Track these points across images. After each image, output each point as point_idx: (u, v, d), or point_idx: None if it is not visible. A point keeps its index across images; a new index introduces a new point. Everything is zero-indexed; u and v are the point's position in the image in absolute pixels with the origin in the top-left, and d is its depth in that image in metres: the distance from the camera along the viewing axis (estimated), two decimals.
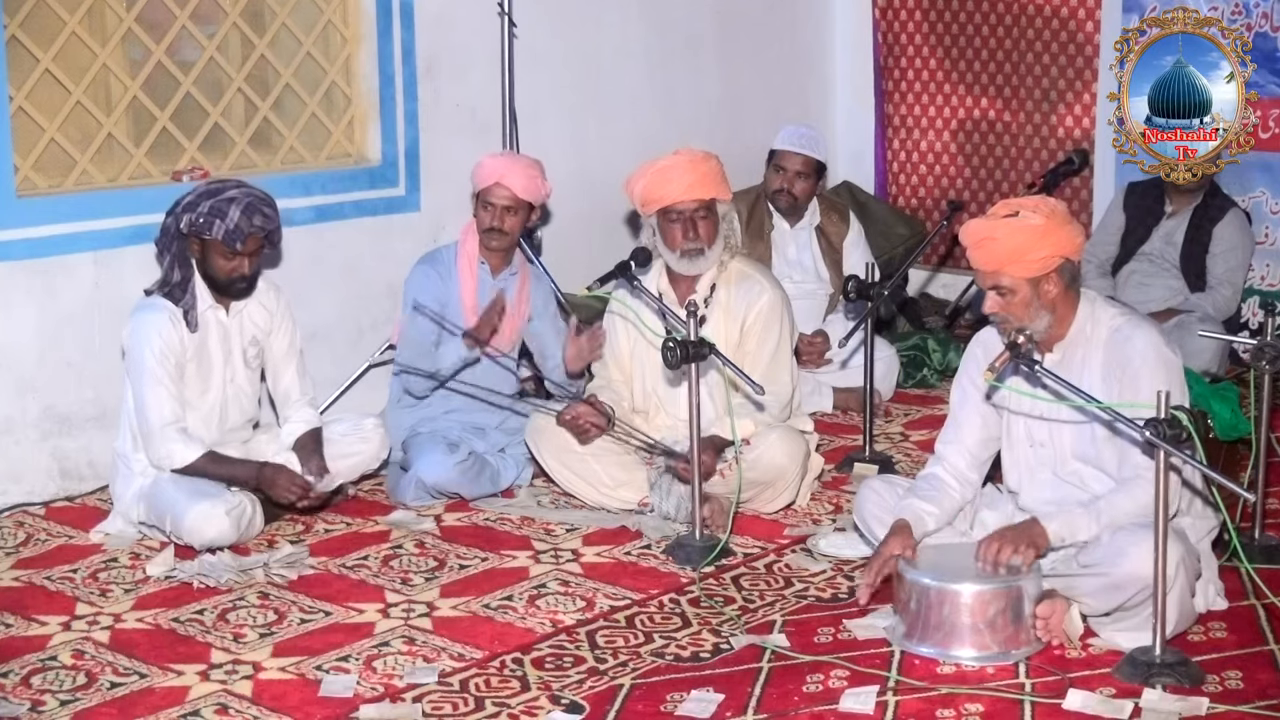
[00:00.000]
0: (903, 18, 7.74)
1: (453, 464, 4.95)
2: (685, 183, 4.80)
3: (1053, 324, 3.86)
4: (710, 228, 4.86)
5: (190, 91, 5.53)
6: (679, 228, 4.83)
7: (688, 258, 4.87)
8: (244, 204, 4.55)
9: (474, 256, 5.19)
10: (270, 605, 4.22)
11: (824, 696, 3.60)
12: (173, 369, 4.60)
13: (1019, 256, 3.76)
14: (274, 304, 4.86)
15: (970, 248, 3.85)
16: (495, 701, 3.61)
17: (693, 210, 4.82)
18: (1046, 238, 3.77)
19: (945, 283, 7.59)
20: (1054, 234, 3.78)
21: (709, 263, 4.90)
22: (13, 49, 5.04)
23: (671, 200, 4.81)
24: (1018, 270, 3.78)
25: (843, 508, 4.91)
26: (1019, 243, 3.76)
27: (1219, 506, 3.89)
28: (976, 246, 3.83)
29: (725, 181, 4.92)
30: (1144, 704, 3.50)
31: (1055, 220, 3.80)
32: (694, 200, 4.81)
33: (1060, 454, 3.96)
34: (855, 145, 7.95)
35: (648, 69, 7.05)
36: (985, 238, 3.80)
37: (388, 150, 6.02)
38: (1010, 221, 3.78)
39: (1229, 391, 4.70)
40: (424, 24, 6.05)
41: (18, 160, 5.07)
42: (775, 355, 4.95)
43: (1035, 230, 3.76)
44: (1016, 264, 3.77)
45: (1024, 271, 3.78)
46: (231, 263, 4.61)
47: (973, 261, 3.87)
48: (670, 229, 4.85)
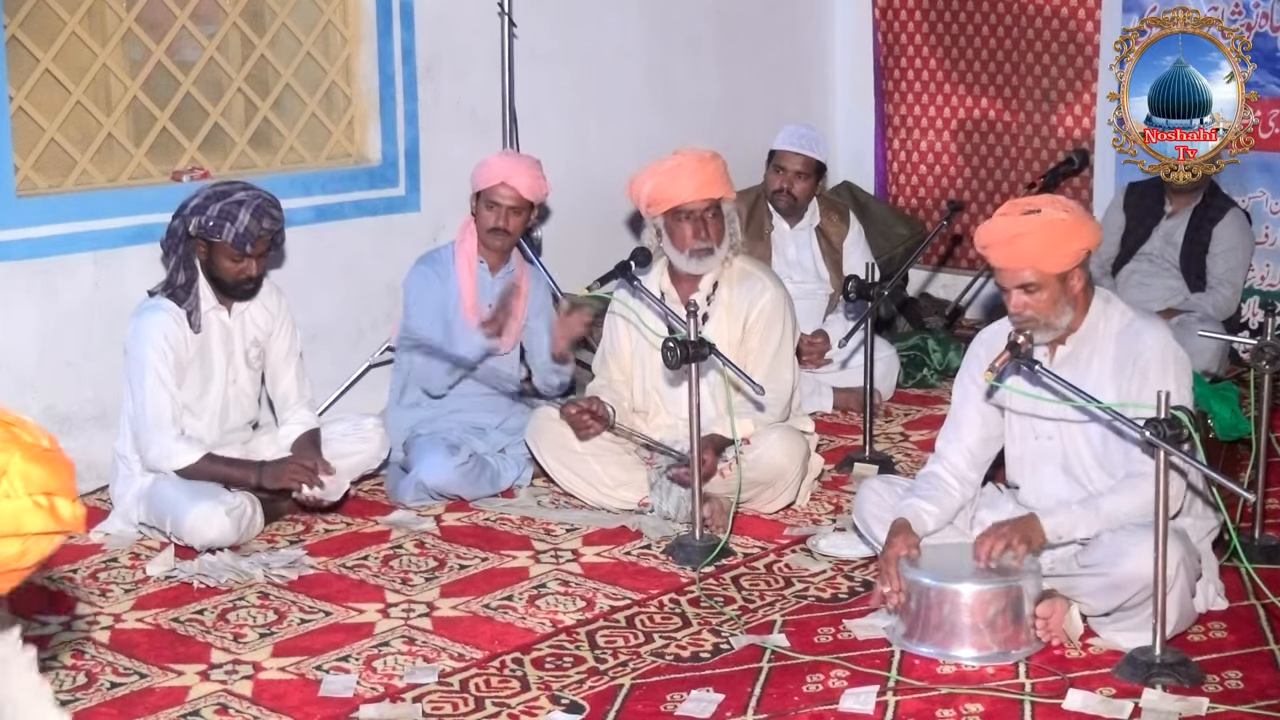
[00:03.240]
0: (903, 18, 7.74)
1: (453, 466, 4.95)
2: (695, 183, 4.80)
3: (1074, 318, 3.86)
4: (719, 227, 4.87)
5: (190, 91, 5.53)
6: (690, 227, 4.83)
7: (697, 257, 4.87)
8: (253, 206, 4.55)
9: (473, 256, 5.19)
10: (270, 605, 4.22)
11: (824, 696, 3.60)
12: (175, 370, 4.60)
13: (1051, 251, 3.74)
14: (275, 305, 4.87)
15: (994, 246, 3.80)
16: (495, 701, 3.61)
17: (703, 210, 4.82)
18: (1076, 231, 3.77)
19: (945, 283, 7.59)
20: (1081, 227, 3.79)
21: (717, 261, 4.91)
22: (13, 49, 5.04)
23: (682, 200, 4.81)
24: (1049, 266, 3.76)
25: (843, 508, 4.91)
26: (1051, 237, 3.74)
27: (1219, 507, 3.89)
28: (1005, 245, 3.77)
29: (729, 180, 4.93)
30: (1144, 704, 3.50)
31: (1078, 214, 3.82)
32: (704, 199, 4.82)
33: (1065, 451, 3.96)
34: (855, 145, 7.95)
35: (648, 69, 7.05)
36: (1016, 234, 3.75)
37: (388, 150, 6.02)
38: (1037, 218, 3.76)
39: (1229, 391, 4.70)
40: (424, 24, 6.05)
41: (18, 160, 5.07)
42: (777, 353, 4.95)
43: (1064, 225, 3.76)
44: (1047, 260, 3.75)
45: (1054, 267, 3.76)
46: (239, 265, 4.61)
47: (997, 261, 3.81)
48: (680, 229, 4.84)
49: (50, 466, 2.41)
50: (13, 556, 2.38)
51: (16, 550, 2.38)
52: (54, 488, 2.40)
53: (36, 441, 2.43)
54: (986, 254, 3.85)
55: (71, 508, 2.43)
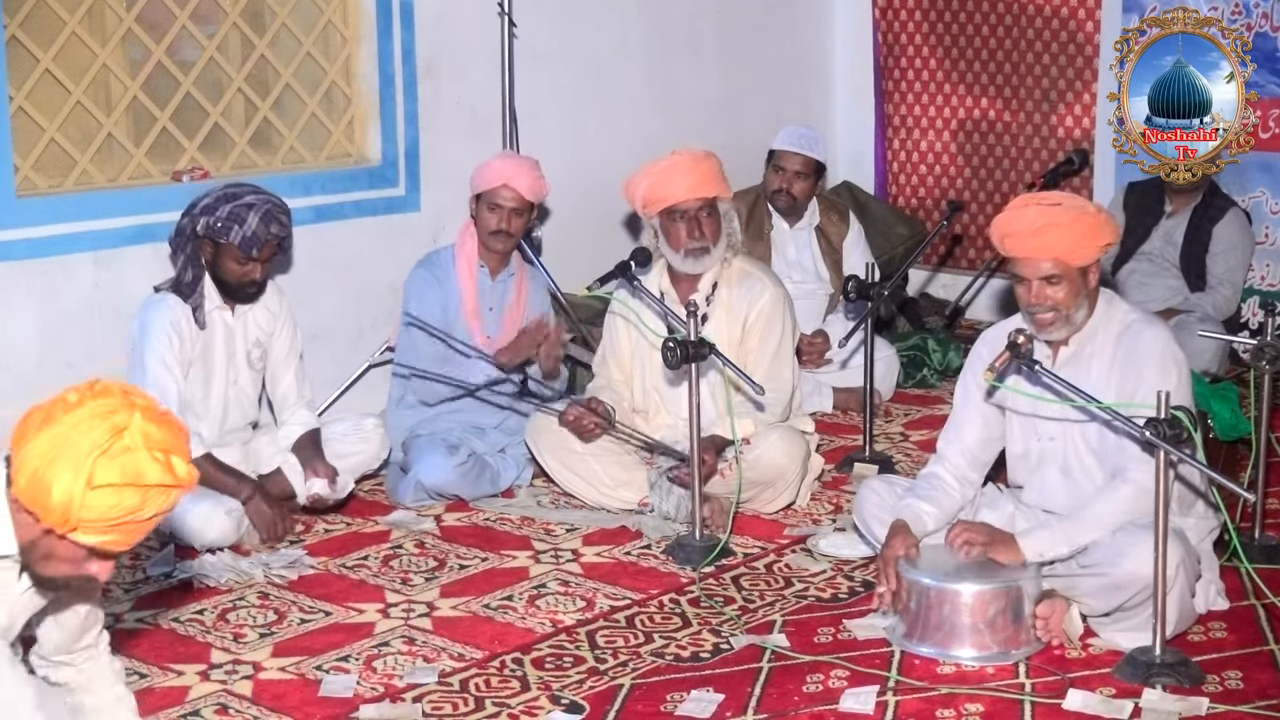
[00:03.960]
0: (903, 18, 7.74)
1: (452, 467, 4.95)
2: (688, 182, 4.80)
3: (1088, 314, 3.86)
4: (714, 226, 4.87)
5: (190, 91, 5.53)
6: (684, 227, 4.83)
7: (693, 257, 4.87)
8: (262, 211, 4.55)
9: (473, 259, 5.19)
10: (270, 605, 4.22)
11: (824, 696, 3.60)
12: (181, 360, 4.60)
13: (1081, 243, 3.74)
14: (277, 306, 4.87)
15: (1020, 236, 3.76)
16: (495, 701, 3.61)
17: (697, 209, 4.82)
18: (1103, 225, 3.78)
19: (945, 283, 7.59)
20: (1107, 222, 3.81)
21: (713, 261, 4.91)
22: (13, 49, 5.04)
23: (675, 200, 4.81)
24: (1076, 258, 3.75)
25: (843, 508, 4.91)
26: (1080, 230, 3.74)
27: (1219, 507, 3.89)
28: (1032, 235, 3.74)
29: (725, 179, 4.93)
30: (1144, 704, 3.50)
31: (1098, 207, 3.86)
32: (698, 199, 4.82)
33: (1066, 453, 3.96)
34: (855, 145, 7.95)
35: (648, 69, 7.05)
36: (1046, 224, 3.73)
37: (388, 150, 6.02)
38: (1067, 209, 3.76)
39: (1229, 391, 4.70)
40: (424, 24, 6.05)
41: (18, 160, 5.07)
42: (777, 353, 4.95)
43: (1094, 216, 3.78)
44: (1076, 251, 3.74)
45: (1080, 259, 3.75)
46: (244, 268, 4.61)
47: (1021, 251, 3.77)
48: (674, 229, 4.85)
49: (167, 428, 2.61)
50: (134, 507, 2.55)
51: (137, 501, 2.55)
52: (170, 446, 2.59)
53: (152, 406, 2.63)
54: (1006, 244, 3.80)
55: (186, 467, 2.61)
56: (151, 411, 2.61)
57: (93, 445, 2.52)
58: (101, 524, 2.55)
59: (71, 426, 2.54)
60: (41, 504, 2.54)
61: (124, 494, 2.53)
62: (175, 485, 2.58)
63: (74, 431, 2.53)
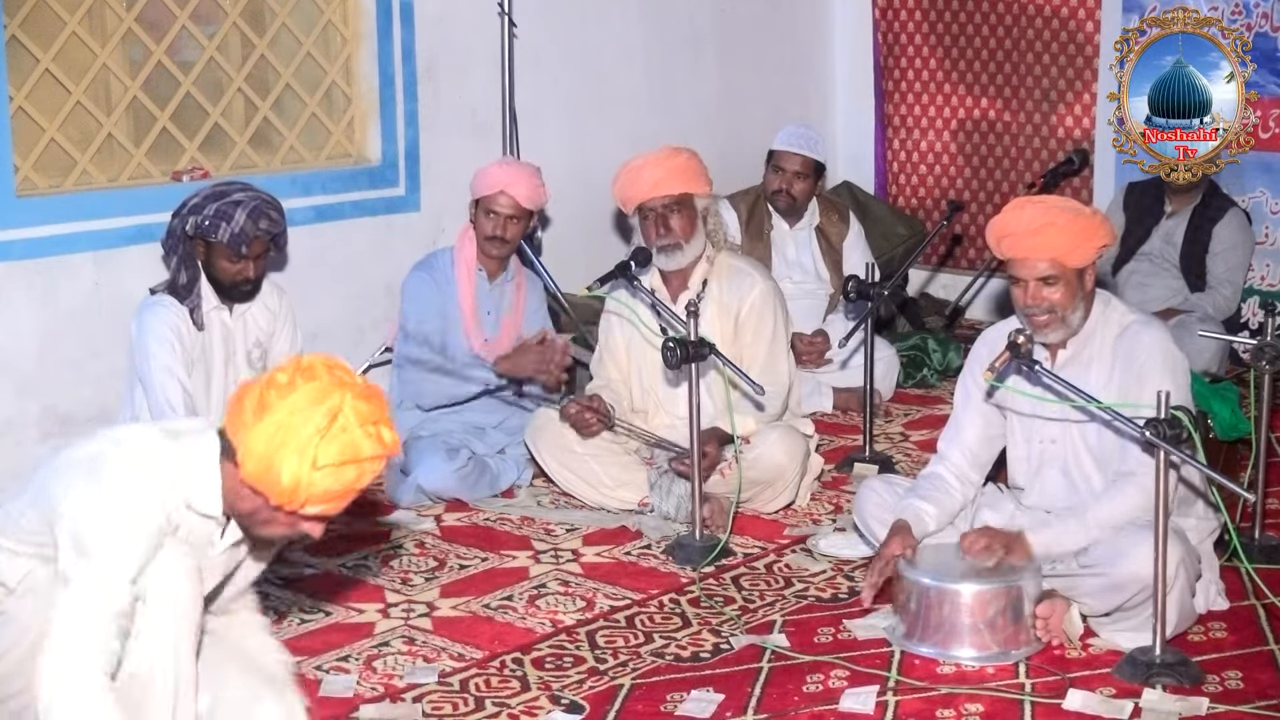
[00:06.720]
0: (903, 18, 7.74)
1: (452, 470, 4.95)
2: (652, 180, 4.80)
3: (1084, 317, 3.86)
4: (684, 222, 4.84)
5: (190, 91, 5.53)
6: (650, 224, 4.84)
7: (664, 254, 4.87)
8: (250, 207, 4.54)
9: (472, 263, 5.18)
10: (271, 605, 4.21)
11: (824, 696, 3.60)
12: (183, 358, 4.60)
13: (1079, 243, 3.74)
14: (277, 305, 4.85)
15: (1018, 236, 3.76)
16: (495, 701, 3.61)
17: (663, 206, 4.82)
18: (1100, 227, 3.79)
19: (945, 283, 7.59)
20: (1104, 224, 3.82)
21: (687, 258, 4.90)
22: (13, 49, 5.04)
23: (642, 197, 4.82)
24: (1073, 258, 3.75)
25: (843, 508, 4.91)
26: (1079, 229, 3.74)
27: (1220, 507, 3.89)
28: (1031, 234, 3.74)
29: (702, 175, 4.89)
30: (1144, 704, 3.50)
31: (1094, 210, 3.86)
32: (662, 196, 4.81)
33: (1068, 453, 3.96)
34: (855, 145, 7.95)
35: (648, 69, 7.05)
36: (1045, 224, 3.73)
37: (388, 150, 6.02)
38: (1064, 210, 3.77)
39: (1229, 391, 4.70)
40: (424, 24, 6.05)
41: (18, 160, 5.07)
42: (771, 347, 4.94)
43: (1091, 218, 3.78)
44: (1074, 252, 3.74)
45: (1078, 260, 3.76)
46: (236, 266, 4.60)
47: (1019, 251, 3.77)
48: (645, 226, 4.86)
49: (374, 401, 2.83)
50: (352, 480, 2.80)
51: (355, 474, 2.80)
52: (378, 418, 2.82)
53: (358, 380, 2.84)
54: (1004, 245, 3.80)
55: (392, 434, 2.84)
56: (358, 388, 2.81)
57: (314, 430, 2.74)
58: (325, 497, 2.80)
59: (290, 413, 2.75)
60: (272, 488, 2.78)
61: (344, 470, 2.77)
62: (385, 454, 2.83)
63: (293, 418, 2.74)
